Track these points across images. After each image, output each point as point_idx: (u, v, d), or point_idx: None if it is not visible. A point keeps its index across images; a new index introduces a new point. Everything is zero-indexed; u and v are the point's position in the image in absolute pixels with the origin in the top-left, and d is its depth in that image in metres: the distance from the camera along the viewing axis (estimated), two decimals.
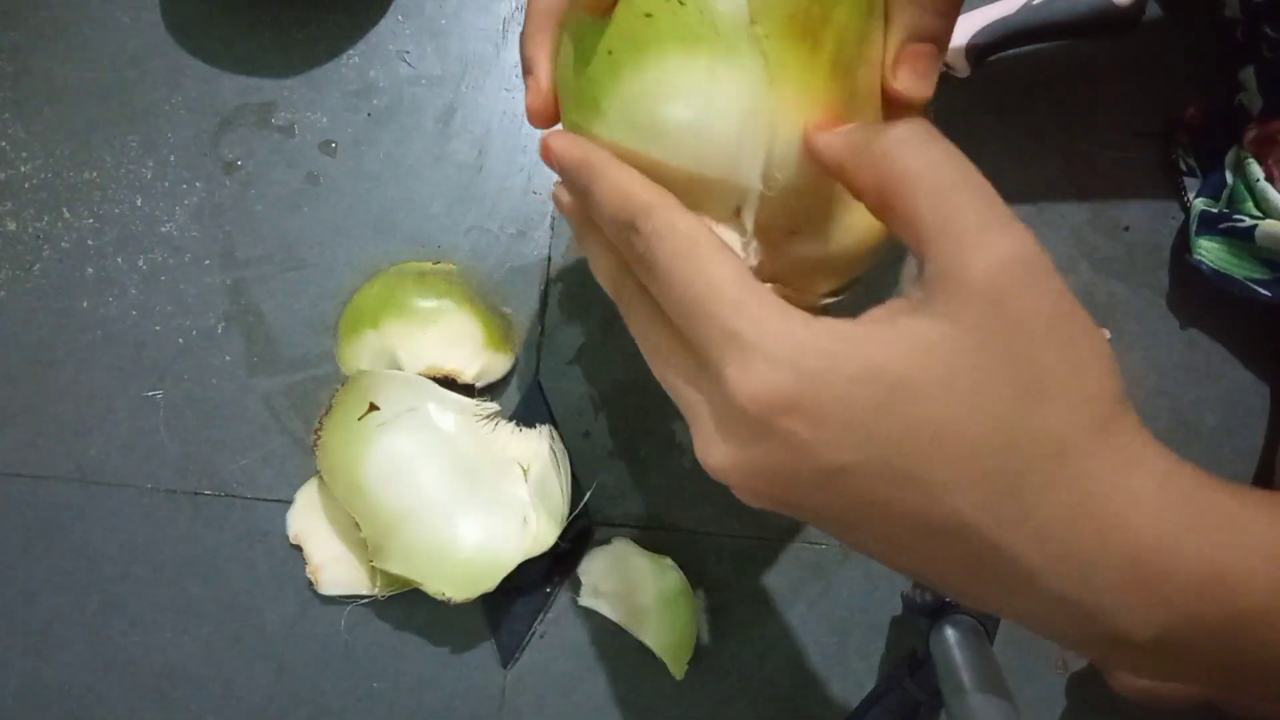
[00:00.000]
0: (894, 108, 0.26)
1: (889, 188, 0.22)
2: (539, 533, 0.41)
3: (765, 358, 0.21)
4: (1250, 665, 0.21)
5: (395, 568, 0.40)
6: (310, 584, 0.42)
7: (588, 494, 0.42)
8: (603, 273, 0.27)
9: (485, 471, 0.42)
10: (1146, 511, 0.20)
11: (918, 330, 0.21)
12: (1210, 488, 0.21)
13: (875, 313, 0.22)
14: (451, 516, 0.41)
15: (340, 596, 0.42)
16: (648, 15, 0.23)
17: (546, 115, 0.29)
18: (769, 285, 0.24)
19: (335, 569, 0.42)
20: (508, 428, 0.43)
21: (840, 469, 0.21)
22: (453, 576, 0.40)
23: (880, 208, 0.23)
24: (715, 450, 0.23)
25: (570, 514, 0.41)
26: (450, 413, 0.42)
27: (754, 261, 0.25)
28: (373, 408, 0.42)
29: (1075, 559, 0.21)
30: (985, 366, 0.20)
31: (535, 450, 0.42)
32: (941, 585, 0.23)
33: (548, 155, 0.26)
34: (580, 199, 0.26)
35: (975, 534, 0.21)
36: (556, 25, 0.28)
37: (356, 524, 0.41)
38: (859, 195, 0.23)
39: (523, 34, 0.29)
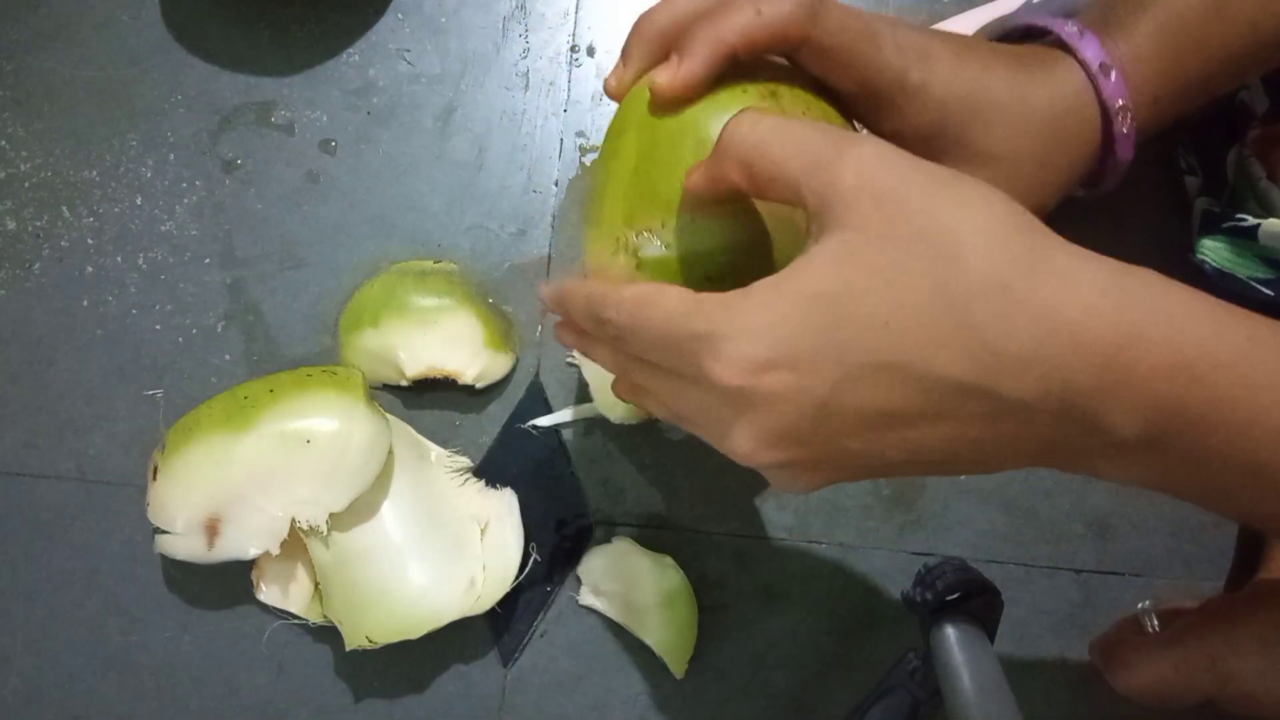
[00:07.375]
0: None
1: (754, 172, 0.25)
2: (483, 594, 0.41)
3: (725, 338, 0.23)
4: (1224, 455, 0.23)
5: (327, 607, 0.40)
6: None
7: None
8: (611, 367, 0.31)
9: (444, 524, 0.42)
10: (1105, 316, 0.22)
11: (826, 251, 0.23)
12: (1163, 285, 0.23)
13: (793, 263, 0.24)
14: (403, 561, 0.41)
15: (275, 609, 0.42)
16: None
17: (616, 96, 0.32)
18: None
19: (278, 580, 0.42)
20: (474, 485, 0.43)
21: (832, 393, 0.23)
22: (386, 619, 0.40)
23: (763, 190, 0.26)
24: (735, 442, 0.25)
25: (515, 580, 0.41)
26: (421, 459, 0.42)
27: None
28: None
29: (1057, 377, 0.22)
30: (894, 251, 0.23)
31: (495, 512, 0.42)
32: (975, 460, 0.25)
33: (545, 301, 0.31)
34: (571, 324, 0.31)
35: (971, 388, 0.22)
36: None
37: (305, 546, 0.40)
38: (750, 192, 0.26)
39: (645, 23, 0.30)
